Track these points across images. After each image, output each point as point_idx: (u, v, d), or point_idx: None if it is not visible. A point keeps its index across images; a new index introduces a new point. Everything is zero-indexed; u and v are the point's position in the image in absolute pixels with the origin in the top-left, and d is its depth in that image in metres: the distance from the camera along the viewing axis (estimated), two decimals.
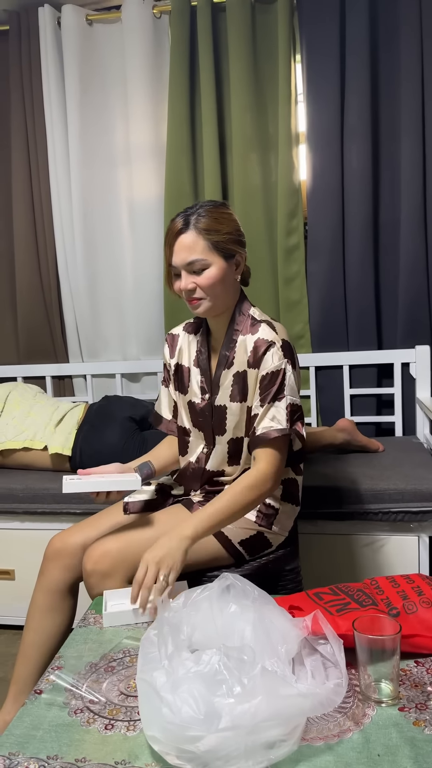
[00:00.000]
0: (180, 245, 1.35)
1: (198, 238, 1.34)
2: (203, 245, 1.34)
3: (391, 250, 2.46)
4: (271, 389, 1.37)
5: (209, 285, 1.36)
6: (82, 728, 0.91)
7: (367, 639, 0.92)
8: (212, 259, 1.35)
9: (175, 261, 1.36)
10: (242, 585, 1.03)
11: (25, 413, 2.26)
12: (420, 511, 1.84)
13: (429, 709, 0.91)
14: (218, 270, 1.36)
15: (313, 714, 0.87)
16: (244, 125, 2.45)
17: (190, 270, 1.36)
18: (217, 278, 1.36)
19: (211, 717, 0.79)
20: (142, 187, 2.59)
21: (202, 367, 1.49)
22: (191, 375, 1.51)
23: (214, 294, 1.38)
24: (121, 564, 1.35)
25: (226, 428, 1.45)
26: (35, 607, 1.49)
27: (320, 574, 1.87)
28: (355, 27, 2.34)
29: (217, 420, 1.46)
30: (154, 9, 2.52)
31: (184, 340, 1.55)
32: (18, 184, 2.66)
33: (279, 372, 1.37)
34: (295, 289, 2.51)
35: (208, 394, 1.47)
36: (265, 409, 1.37)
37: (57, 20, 2.57)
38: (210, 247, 1.34)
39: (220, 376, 1.45)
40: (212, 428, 1.47)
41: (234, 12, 2.41)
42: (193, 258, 1.34)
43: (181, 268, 1.37)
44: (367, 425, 2.53)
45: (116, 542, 1.38)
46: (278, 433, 1.35)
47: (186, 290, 1.37)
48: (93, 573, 1.36)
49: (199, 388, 1.49)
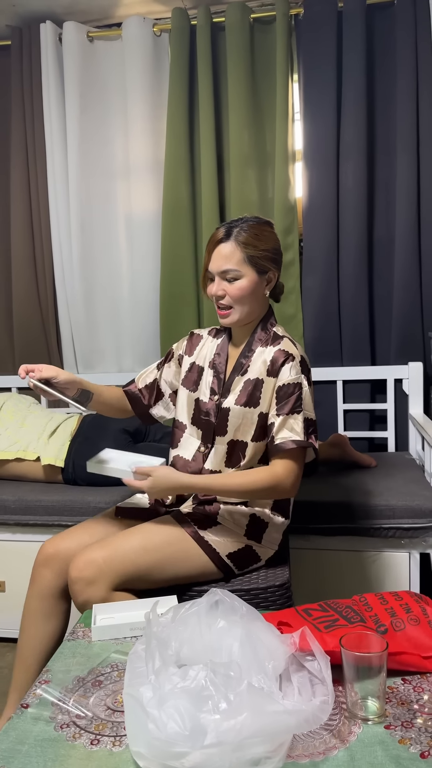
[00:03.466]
0: (218, 253, 1.44)
1: (236, 249, 1.43)
2: (239, 257, 1.43)
3: (386, 267, 2.48)
4: (289, 400, 1.42)
5: (238, 295, 1.44)
6: (67, 743, 0.91)
7: (353, 656, 0.93)
8: (245, 271, 1.44)
9: (211, 267, 1.46)
10: (231, 601, 1.04)
11: (18, 424, 2.27)
12: (411, 527, 1.84)
13: (415, 727, 0.91)
14: (249, 282, 1.44)
15: (299, 731, 0.87)
16: (242, 142, 2.48)
17: (223, 277, 1.45)
18: (246, 290, 1.44)
19: (197, 733, 0.79)
20: (140, 201, 2.62)
21: (217, 369, 1.55)
22: (204, 375, 1.56)
23: (242, 304, 1.46)
24: (107, 572, 1.36)
25: (227, 429, 1.48)
26: (29, 613, 1.49)
27: (311, 590, 1.87)
28: (351, 47, 2.38)
29: (220, 421, 1.49)
30: (154, 27, 2.56)
31: (206, 342, 1.61)
32: (17, 196, 2.68)
33: (297, 385, 1.43)
34: (290, 304, 2.53)
35: (217, 395, 1.52)
36: (282, 419, 1.42)
37: (58, 36, 2.61)
38: (245, 260, 1.43)
39: (233, 381, 1.51)
40: (214, 429, 1.50)
41: (233, 31, 2.45)
42: (228, 267, 1.43)
43: (215, 274, 1.46)
44: (360, 440, 2.54)
45: (102, 551, 1.38)
46: (295, 444, 1.40)
47: (216, 295, 1.46)
48: (78, 580, 1.36)
49: (209, 388, 1.54)
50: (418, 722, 0.92)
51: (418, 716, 0.93)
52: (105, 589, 1.35)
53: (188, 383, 1.58)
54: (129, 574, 1.37)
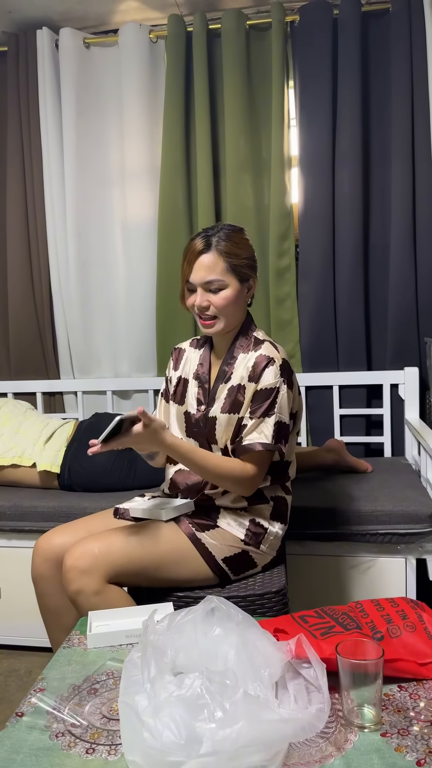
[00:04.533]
0: (200, 264, 1.42)
1: (218, 259, 1.42)
2: (222, 267, 1.42)
3: (381, 272, 2.49)
4: (264, 404, 1.42)
5: (223, 305, 1.44)
6: (62, 752, 0.90)
7: (349, 663, 0.92)
8: (229, 281, 1.43)
9: (193, 279, 1.44)
10: (226, 608, 1.03)
11: (14, 430, 2.26)
12: (407, 533, 1.84)
13: (411, 734, 0.91)
14: (233, 291, 1.44)
15: (295, 740, 0.87)
16: (238, 148, 2.49)
17: (206, 288, 1.44)
18: (231, 299, 1.44)
19: (192, 742, 0.79)
20: (136, 207, 2.62)
21: (201, 379, 1.55)
22: (189, 387, 1.56)
23: (226, 313, 1.46)
24: (102, 563, 1.36)
25: (217, 438, 1.50)
26: (47, 611, 1.51)
27: (307, 596, 1.86)
28: (346, 54, 2.39)
29: (209, 430, 1.50)
30: (150, 34, 2.57)
31: (189, 354, 1.62)
32: (13, 201, 2.68)
33: (273, 389, 1.42)
34: (286, 309, 2.53)
35: (204, 405, 1.52)
36: (254, 422, 1.43)
37: (55, 43, 2.62)
38: (228, 269, 1.43)
39: (217, 390, 1.51)
40: (206, 438, 1.51)
41: (229, 38, 2.46)
42: (212, 278, 1.42)
43: (198, 286, 1.44)
44: (356, 446, 2.54)
45: (98, 542, 1.39)
46: (262, 447, 1.41)
47: (200, 306, 1.45)
48: (72, 568, 1.36)
49: (195, 399, 1.54)
50: (414, 730, 0.92)
51: (415, 724, 0.93)
52: (98, 580, 1.35)
53: (177, 398, 1.59)
54: (123, 567, 1.38)
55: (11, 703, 1.83)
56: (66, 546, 1.44)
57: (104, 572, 1.36)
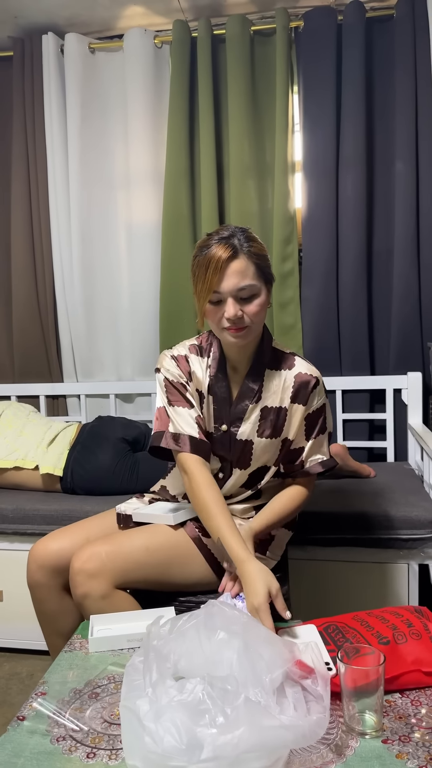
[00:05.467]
0: (232, 271, 1.28)
1: (249, 263, 1.30)
2: (253, 271, 1.30)
3: (384, 277, 2.49)
4: (317, 425, 1.44)
5: (256, 312, 1.32)
6: (63, 756, 0.90)
7: (351, 670, 0.92)
8: (260, 286, 1.32)
9: (224, 287, 1.28)
10: (230, 611, 1.03)
11: (17, 432, 2.26)
12: (410, 538, 1.84)
13: (412, 741, 0.90)
14: (265, 297, 1.34)
15: (296, 746, 0.86)
16: (242, 153, 2.50)
17: (238, 297, 1.30)
18: (264, 306, 1.34)
19: (194, 747, 0.79)
20: (141, 211, 2.63)
21: (219, 395, 1.43)
22: (206, 402, 1.44)
23: (259, 322, 1.34)
24: (110, 567, 1.35)
25: (251, 462, 1.44)
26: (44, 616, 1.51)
27: (309, 601, 1.86)
28: (350, 60, 2.40)
29: (239, 453, 1.43)
30: (155, 39, 2.58)
31: (193, 364, 1.46)
32: (18, 206, 2.69)
33: (323, 408, 1.45)
34: (289, 314, 2.54)
35: (225, 425, 1.43)
36: (312, 444, 1.44)
37: (60, 48, 2.63)
38: (258, 274, 1.32)
39: (245, 409, 1.41)
40: (231, 461, 1.45)
41: (233, 43, 2.47)
42: (246, 284, 1.29)
43: (228, 295, 1.29)
44: (359, 450, 2.54)
45: (106, 545, 1.39)
46: (323, 467, 1.45)
47: (234, 318, 1.30)
48: (80, 572, 1.35)
49: (212, 417, 1.44)
50: (415, 736, 0.91)
51: (416, 730, 0.93)
52: (106, 584, 1.35)
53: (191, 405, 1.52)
54: (130, 571, 1.37)
55: (12, 706, 1.83)
56: (63, 551, 1.44)
57: (112, 576, 1.36)
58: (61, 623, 1.48)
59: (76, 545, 1.44)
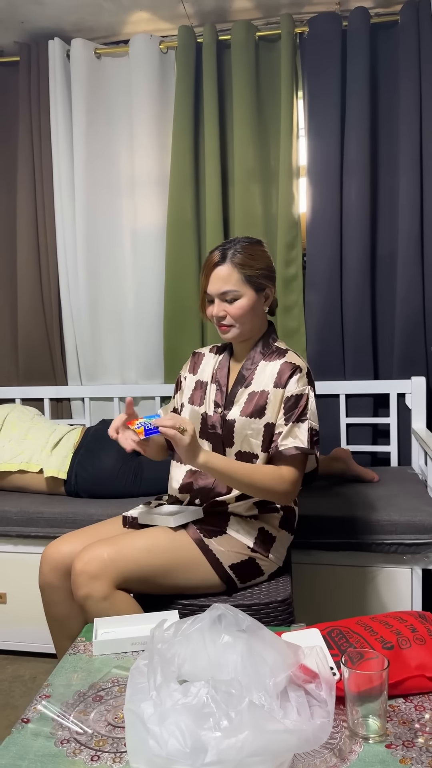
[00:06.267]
0: (216, 276, 1.49)
1: (233, 271, 1.47)
2: (237, 278, 1.47)
3: (388, 282, 2.50)
4: (296, 410, 1.47)
5: (239, 314, 1.49)
6: (68, 759, 0.91)
7: (355, 675, 0.92)
8: (244, 291, 1.48)
9: (210, 290, 1.50)
10: (234, 614, 1.03)
11: (22, 435, 2.27)
12: (413, 543, 1.84)
13: (416, 746, 0.90)
14: (248, 301, 1.49)
15: (300, 750, 0.87)
16: (246, 158, 2.51)
17: (222, 299, 1.49)
18: (246, 308, 1.49)
19: (198, 751, 0.79)
20: (145, 215, 2.64)
21: (220, 382, 1.58)
22: (208, 390, 1.60)
23: (242, 322, 1.50)
24: (111, 569, 1.36)
25: (234, 441, 1.51)
26: (54, 622, 1.52)
27: (313, 605, 1.86)
28: (355, 65, 2.41)
29: (226, 432, 1.52)
30: (161, 44, 2.60)
31: (208, 359, 1.66)
32: (23, 210, 2.71)
33: (303, 396, 1.48)
34: (293, 318, 2.54)
35: (221, 408, 1.55)
36: (288, 428, 1.46)
37: (66, 53, 2.65)
38: (243, 280, 1.48)
39: (236, 393, 1.54)
40: (222, 441, 1.53)
41: (238, 49, 2.48)
42: (227, 289, 1.48)
43: (214, 297, 1.50)
44: (363, 455, 2.54)
45: (108, 547, 1.40)
46: (298, 450, 1.43)
47: (217, 316, 1.51)
48: (81, 573, 1.37)
49: (213, 402, 1.57)
50: (419, 742, 0.91)
51: (420, 735, 0.93)
52: (107, 586, 1.36)
53: (195, 400, 1.61)
54: (132, 573, 1.38)
55: (15, 709, 1.83)
56: (74, 554, 1.45)
57: (113, 577, 1.37)
58: (70, 626, 1.49)
59: (87, 545, 1.44)
